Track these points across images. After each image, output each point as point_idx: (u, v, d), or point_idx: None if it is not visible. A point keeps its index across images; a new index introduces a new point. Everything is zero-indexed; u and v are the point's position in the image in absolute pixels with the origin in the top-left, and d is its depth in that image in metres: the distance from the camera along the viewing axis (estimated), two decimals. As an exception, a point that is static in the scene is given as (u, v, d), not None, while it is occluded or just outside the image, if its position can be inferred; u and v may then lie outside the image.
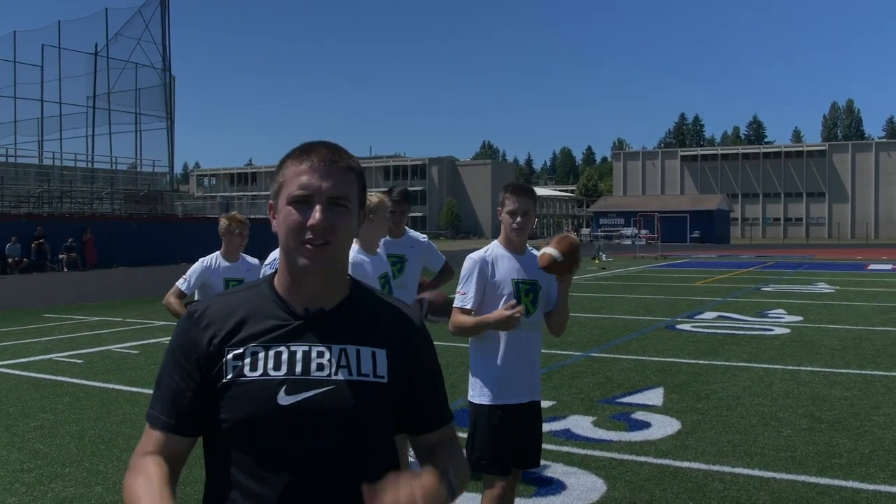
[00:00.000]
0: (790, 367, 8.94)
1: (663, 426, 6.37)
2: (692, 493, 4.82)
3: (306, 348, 1.55)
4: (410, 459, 4.08)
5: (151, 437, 1.56)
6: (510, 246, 3.69)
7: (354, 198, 1.58)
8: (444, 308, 3.92)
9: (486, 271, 3.61)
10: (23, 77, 37.41)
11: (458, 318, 3.62)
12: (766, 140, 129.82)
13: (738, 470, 5.25)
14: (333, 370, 1.54)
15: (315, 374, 1.53)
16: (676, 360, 9.51)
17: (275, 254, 4.50)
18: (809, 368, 8.89)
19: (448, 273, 5.28)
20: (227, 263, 5.38)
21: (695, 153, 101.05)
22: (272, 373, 1.52)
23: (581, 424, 6.44)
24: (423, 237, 5.18)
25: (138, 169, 39.80)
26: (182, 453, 1.57)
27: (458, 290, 3.67)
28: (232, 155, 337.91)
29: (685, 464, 5.39)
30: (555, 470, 5.25)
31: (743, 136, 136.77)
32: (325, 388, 1.52)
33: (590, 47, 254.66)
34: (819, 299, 17.11)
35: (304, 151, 1.58)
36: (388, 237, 4.69)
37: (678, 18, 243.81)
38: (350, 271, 4.06)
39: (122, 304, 16.93)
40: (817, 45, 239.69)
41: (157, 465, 1.50)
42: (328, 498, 1.50)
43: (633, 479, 5.09)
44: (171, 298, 5.33)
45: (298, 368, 1.53)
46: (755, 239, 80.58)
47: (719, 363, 9.23)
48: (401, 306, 1.71)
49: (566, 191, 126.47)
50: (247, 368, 1.52)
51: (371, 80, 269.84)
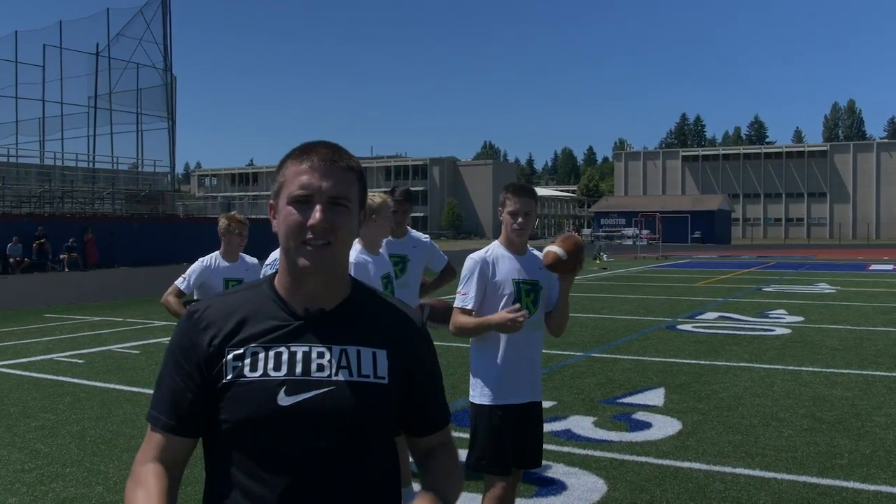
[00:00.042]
0: (791, 368, 8.94)
1: (664, 426, 6.37)
2: (693, 493, 4.82)
3: (306, 349, 1.54)
4: (410, 460, 4.08)
5: (153, 440, 1.57)
6: (511, 246, 3.69)
7: (355, 198, 1.58)
8: (445, 315, 3.93)
9: (486, 271, 3.61)
10: (24, 77, 37.47)
11: (459, 319, 3.61)
12: (767, 140, 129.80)
13: (738, 470, 5.25)
14: (334, 371, 1.53)
15: (315, 374, 1.52)
16: (677, 360, 9.51)
17: (275, 254, 4.50)
18: (810, 369, 8.89)
19: (450, 273, 5.28)
20: (226, 263, 5.38)
21: (696, 153, 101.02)
22: (272, 373, 1.51)
23: (582, 425, 6.43)
24: (425, 237, 5.18)
25: (139, 169, 39.81)
26: (183, 455, 1.58)
27: (458, 290, 3.67)
28: (233, 155, 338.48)
29: (686, 464, 5.39)
30: (555, 470, 5.25)
31: (744, 137, 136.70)
32: (326, 389, 1.51)
33: (590, 47, 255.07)
34: (820, 300, 17.10)
35: (304, 151, 1.58)
36: (390, 237, 4.69)
37: (678, 18, 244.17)
38: (353, 271, 4.07)
39: (123, 304, 16.94)
40: (818, 45, 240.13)
41: (157, 477, 1.51)
42: (328, 499, 1.50)
43: (633, 479, 5.09)
44: (169, 297, 5.32)
45: (298, 369, 1.52)
46: (756, 239, 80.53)
47: (720, 363, 9.22)
48: (402, 307, 1.71)
49: (567, 191, 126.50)
50: (247, 369, 1.52)
51: (371, 80, 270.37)
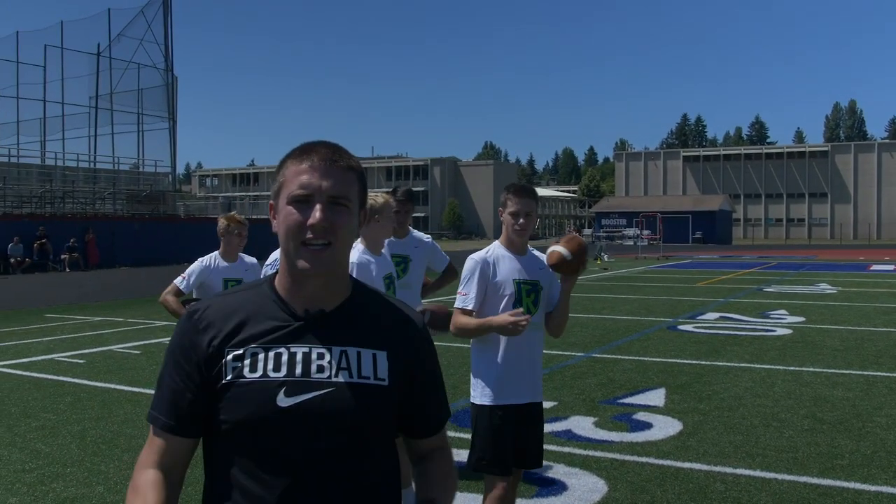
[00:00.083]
0: (792, 368, 8.93)
1: (665, 427, 6.36)
2: (693, 493, 4.81)
3: (306, 350, 1.54)
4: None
5: (153, 441, 1.57)
6: (511, 246, 3.69)
7: (355, 197, 1.57)
8: (445, 321, 3.93)
9: (487, 272, 3.61)
10: (25, 77, 37.48)
11: (460, 320, 3.61)
12: (768, 141, 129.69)
13: (739, 471, 5.25)
14: (334, 372, 1.53)
15: (315, 376, 1.52)
16: (678, 360, 9.50)
17: (276, 254, 4.50)
18: (811, 369, 8.88)
19: (452, 273, 5.28)
20: (225, 263, 5.37)
21: (697, 154, 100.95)
22: (272, 374, 1.51)
23: (582, 425, 6.43)
24: (427, 237, 5.18)
25: (140, 169, 39.83)
26: (184, 455, 1.58)
27: (458, 290, 3.67)
28: (234, 155, 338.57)
29: (687, 464, 5.39)
30: (556, 470, 5.25)
31: (745, 137, 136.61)
32: (325, 391, 1.51)
33: (590, 47, 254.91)
34: (821, 300, 17.09)
35: (304, 151, 1.57)
36: (392, 237, 4.69)
37: (679, 18, 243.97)
38: (355, 272, 4.06)
39: (124, 305, 16.95)
40: (819, 45, 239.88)
41: (156, 488, 1.51)
42: (328, 500, 1.50)
43: (634, 479, 5.08)
44: (168, 296, 5.31)
45: (298, 370, 1.52)
46: (757, 240, 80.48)
47: (721, 364, 9.22)
48: (402, 307, 1.70)
49: (568, 191, 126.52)
50: (246, 370, 1.51)
51: (372, 81, 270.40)
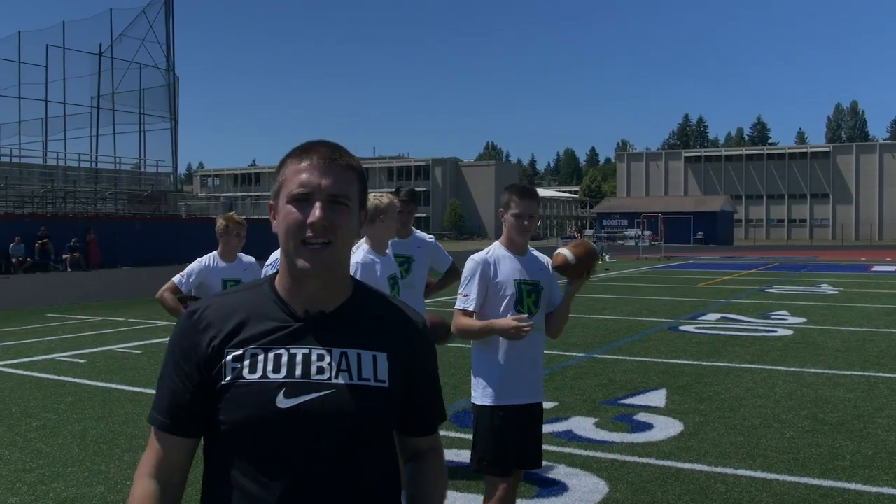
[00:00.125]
0: (793, 369, 8.92)
1: (666, 427, 6.36)
2: (694, 494, 4.81)
3: (306, 351, 1.53)
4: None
5: (155, 445, 1.57)
6: (512, 247, 3.69)
7: (355, 196, 1.57)
8: (443, 332, 3.95)
9: (488, 272, 3.61)
10: (27, 77, 37.44)
11: (462, 321, 3.60)
12: (769, 141, 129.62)
13: (740, 472, 5.24)
14: (334, 374, 1.52)
15: (315, 377, 1.51)
16: (679, 361, 9.50)
17: (276, 254, 4.49)
18: (812, 370, 8.87)
19: (454, 274, 5.28)
20: (224, 264, 5.36)
21: (698, 154, 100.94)
22: (271, 375, 1.50)
23: (583, 425, 6.43)
24: (429, 237, 5.17)
25: (142, 169, 39.83)
26: (184, 456, 1.57)
27: (459, 291, 3.67)
28: (235, 155, 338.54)
29: (687, 465, 5.38)
30: (557, 471, 5.24)
31: (747, 138, 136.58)
32: (325, 392, 1.51)
33: (591, 47, 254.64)
34: (822, 301, 17.08)
35: (304, 150, 1.57)
36: (395, 238, 4.69)
37: (679, 18, 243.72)
38: (360, 272, 4.06)
39: (125, 304, 16.95)
40: (820, 45, 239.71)
41: (154, 500, 1.52)
42: (328, 501, 1.49)
43: (635, 480, 5.08)
44: (165, 294, 5.27)
45: (298, 371, 1.51)
46: (759, 240, 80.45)
47: (722, 364, 9.21)
48: (403, 308, 1.70)
49: (570, 192, 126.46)
50: (246, 370, 1.51)
51: (372, 81, 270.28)
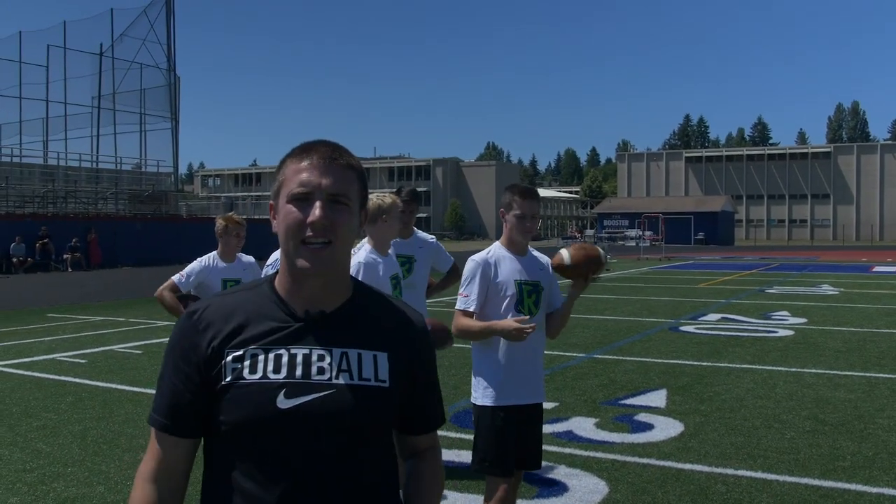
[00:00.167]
0: (794, 370, 8.92)
1: (666, 428, 6.35)
2: (694, 495, 4.81)
3: (307, 351, 1.53)
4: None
5: (155, 446, 1.57)
6: (512, 247, 3.69)
7: (355, 196, 1.57)
8: (442, 338, 3.95)
9: (488, 273, 3.61)
10: (28, 77, 37.49)
11: (462, 322, 3.60)
12: (770, 142, 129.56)
13: (740, 472, 5.24)
14: (334, 374, 1.52)
15: (315, 377, 1.51)
16: (680, 361, 9.49)
17: (276, 254, 4.49)
18: (813, 370, 8.87)
19: (456, 274, 5.28)
20: (223, 264, 5.36)
21: (699, 154, 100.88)
22: (272, 376, 1.50)
23: (583, 426, 6.42)
24: (431, 238, 5.18)
25: (143, 169, 39.88)
26: (186, 457, 1.57)
27: (460, 292, 3.67)
28: (236, 155, 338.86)
29: (688, 466, 5.38)
30: (557, 471, 5.24)
31: (748, 138, 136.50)
32: (326, 393, 1.51)
33: (590, 47, 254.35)
34: (823, 301, 17.07)
35: (304, 150, 1.57)
36: (396, 238, 4.69)
37: (679, 18, 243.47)
38: (362, 272, 4.06)
39: (125, 304, 16.96)
40: (821, 45, 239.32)
41: None
42: (328, 501, 1.49)
43: (635, 480, 5.08)
44: (164, 292, 5.26)
45: (298, 372, 1.51)
46: (759, 241, 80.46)
47: (723, 365, 9.21)
48: (403, 308, 1.70)
49: (570, 192, 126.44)
50: (246, 371, 1.51)
51: (372, 81, 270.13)
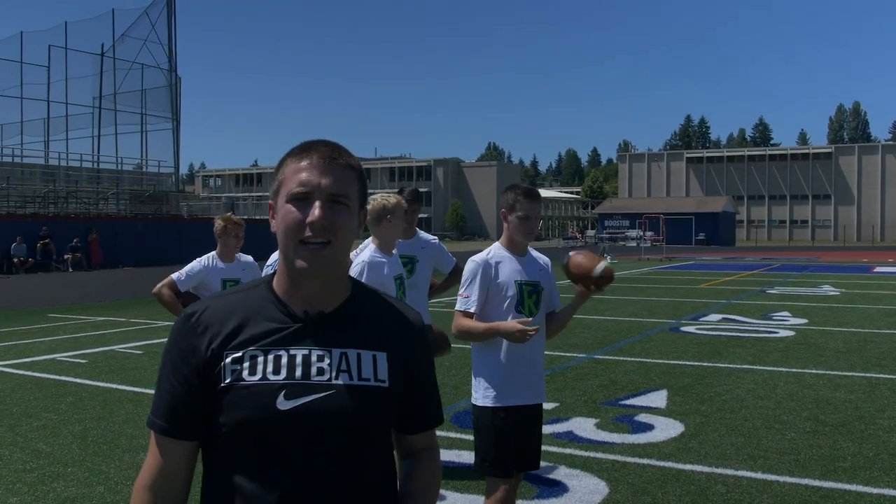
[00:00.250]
0: (794, 370, 8.92)
1: (666, 428, 6.35)
2: (695, 495, 4.80)
3: (306, 352, 1.53)
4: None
5: (155, 449, 1.56)
6: (512, 247, 3.69)
7: (355, 196, 1.56)
8: (441, 344, 3.96)
9: (489, 273, 3.61)
10: (29, 77, 37.51)
11: (463, 323, 3.59)
12: (771, 142, 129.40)
13: (741, 473, 5.23)
14: (334, 375, 1.52)
15: (315, 378, 1.51)
16: (680, 362, 9.49)
17: (276, 254, 4.49)
18: (814, 371, 8.86)
19: (458, 275, 5.27)
20: (223, 264, 5.36)
21: (700, 155, 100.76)
22: (271, 377, 1.50)
23: (584, 426, 6.42)
24: (433, 238, 5.18)
25: (144, 169, 39.90)
26: (187, 459, 1.57)
27: (460, 293, 3.66)
28: (237, 156, 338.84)
29: (688, 466, 5.38)
30: (557, 472, 5.24)
31: (749, 139, 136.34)
32: (326, 393, 1.51)
33: (590, 47, 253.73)
34: (824, 302, 17.06)
35: (303, 149, 1.57)
36: (401, 238, 4.69)
37: (679, 18, 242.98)
38: (367, 272, 4.06)
39: (126, 305, 16.96)
40: (821, 46, 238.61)
41: None
42: (330, 501, 1.49)
43: (635, 481, 5.07)
44: (163, 289, 5.24)
45: (298, 373, 1.51)
46: (760, 241, 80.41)
47: (723, 365, 9.20)
48: (401, 307, 1.70)
49: (571, 192, 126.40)
50: (246, 372, 1.50)
51: (372, 80, 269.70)
